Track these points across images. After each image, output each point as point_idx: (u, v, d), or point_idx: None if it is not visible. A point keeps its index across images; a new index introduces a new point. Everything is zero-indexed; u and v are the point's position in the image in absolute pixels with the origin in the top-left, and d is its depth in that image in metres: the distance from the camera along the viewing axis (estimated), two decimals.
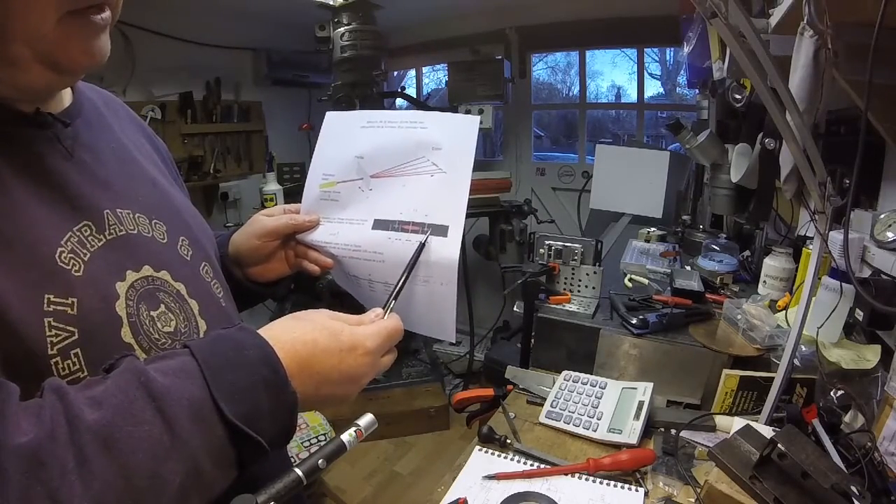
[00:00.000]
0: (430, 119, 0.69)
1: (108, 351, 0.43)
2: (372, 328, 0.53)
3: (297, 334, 0.47)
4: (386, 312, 0.57)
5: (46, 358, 0.40)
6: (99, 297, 0.45)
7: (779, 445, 0.71)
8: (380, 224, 0.66)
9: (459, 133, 0.67)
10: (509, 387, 1.13)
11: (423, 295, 0.63)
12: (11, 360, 0.38)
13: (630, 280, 1.52)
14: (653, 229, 2.02)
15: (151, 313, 0.49)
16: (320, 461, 0.45)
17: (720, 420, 0.96)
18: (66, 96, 0.52)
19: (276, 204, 2.72)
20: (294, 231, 0.70)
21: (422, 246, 0.63)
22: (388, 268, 0.64)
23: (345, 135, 0.73)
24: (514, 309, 1.52)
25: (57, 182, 0.46)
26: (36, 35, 0.39)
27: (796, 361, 0.93)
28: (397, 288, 0.60)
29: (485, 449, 0.93)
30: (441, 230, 0.62)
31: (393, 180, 0.68)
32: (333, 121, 0.75)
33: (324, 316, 0.52)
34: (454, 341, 0.71)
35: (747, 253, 1.65)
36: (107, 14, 0.43)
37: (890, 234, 0.93)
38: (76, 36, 0.41)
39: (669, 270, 1.52)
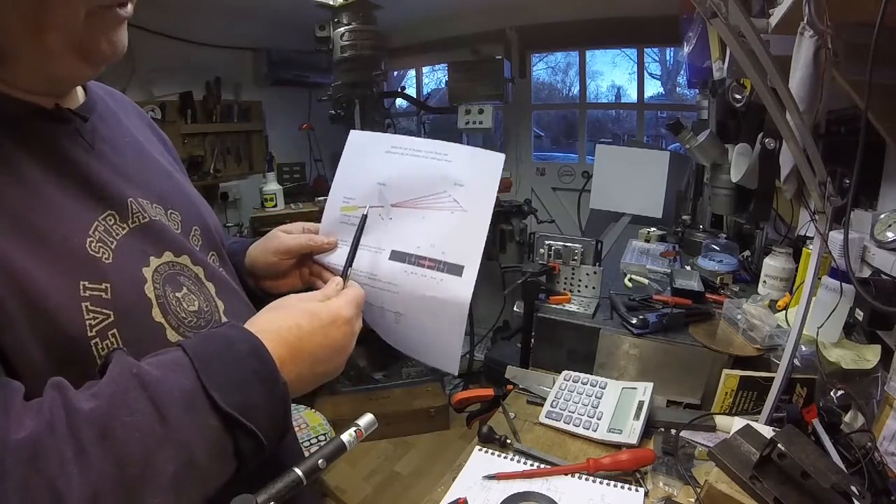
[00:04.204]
0: (454, 152, 0.68)
1: (142, 330, 0.46)
2: (342, 299, 0.56)
3: (280, 323, 0.49)
4: (345, 281, 0.60)
5: (86, 340, 0.42)
6: (129, 281, 0.47)
7: (779, 445, 0.71)
8: (396, 255, 0.65)
9: (483, 171, 0.66)
10: (509, 387, 1.13)
11: (431, 329, 0.64)
12: (53, 346, 0.40)
13: (630, 280, 1.52)
14: (653, 229, 2.02)
15: (176, 294, 0.51)
16: (320, 461, 0.46)
17: (720, 420, 0.96)
18: (80, 92, 0.54)
19: (275, 204, 2.73)
20: (311, 252, 0.70)
21: (364, 218, 0.66)
22: (402, 299, 0.64)
23: (368, 157, 0.72)
24: (514, 309, 1.51)
25: (81, 174, 0.48)
26: (69, 25, 0.41)
27: (796, 361, 0.93)
28: (349, 258, 0.64)
29: (485, 449, 0.93)
30: (456, 269, 0.62)
31: (413, 212, 0.67)
32: (357, 140, 0.74)
33: (297, 300, 0.54)
34: (456, 374, 0.71)
35: (747, 253, 1.65)
36: (129, 8, 0.46)
37: (890, 234, 0.93)
38: (103, 27, 0.44)
39: (669, 270, 1.52)
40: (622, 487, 0.82)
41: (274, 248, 0.70)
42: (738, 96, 1.50)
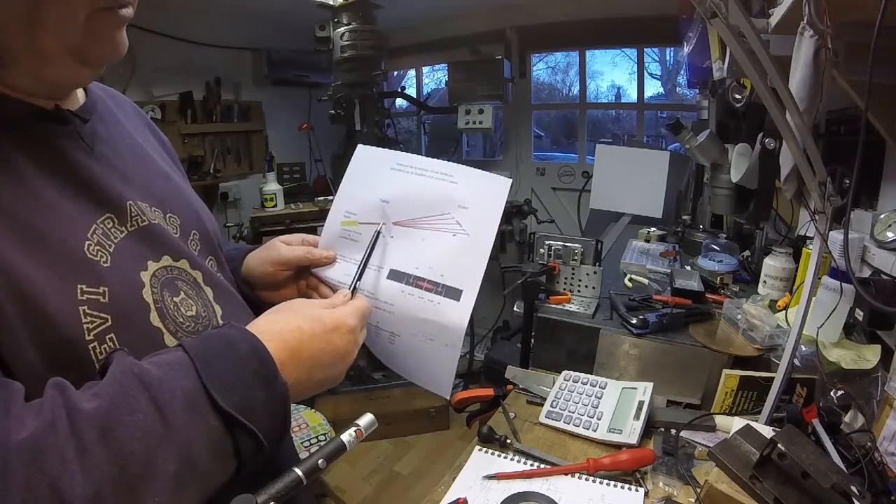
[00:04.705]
0: (460, 174, 0.66)
1: (139, 335, 0.46)
2: (348, 308, 0.55)
3: (282, 325, 0.49)
4: (353, 293, 0.60)
5: (84, 343, 0.41)
6: (127, 285, 0.46)
7: (779, 445, 0.71)
8: (395, 275, 0.65)
9: (488, 194, 0.65)
10: (509, 387, 1.13)
11: (426, 351, 0.63)
12: (51, 349, 0.40)
13: (630, 280, 1.52)
14: (653, 229, 2.02)
15: (174, 299, 0.51)
16: (320, 461, 0.46)
17: (720, 420, 0.96)
18: (80, 93, 0.54)
19: (275, 204, 2.73)
20: (309, 265, 0.70)
21: (378, 234, 0.65)
22: (397, 319, 0.64)
23: (373, 173, 0.71)
24: (514, 309, 1.52)
25: (81, 176, 0.47)
26: (65, 28, 0.41)
27: (796, 361, 0.93)
28: (359, 271, 0.63)
29: (485, 449, 0.93)
30: (454, 293, 0.61)
31: (414, 231, 0.66)
32: (363, 155, 0.73)
33: (301, 304, 0.54)
34: (448, 398, 0.70)
35: (747, 253, 1.65)
36: (130, 10, 0.45)
37: (890, 234, 0.93)
38: (103, 30, 0.43)
39: (669, 270, 1.52)
40: (622, 487, 0.82)
41: (272, 258, 0.69)
42: (738, 96, 1.50)
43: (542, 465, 0.87)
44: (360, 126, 2.66)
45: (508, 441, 0.93)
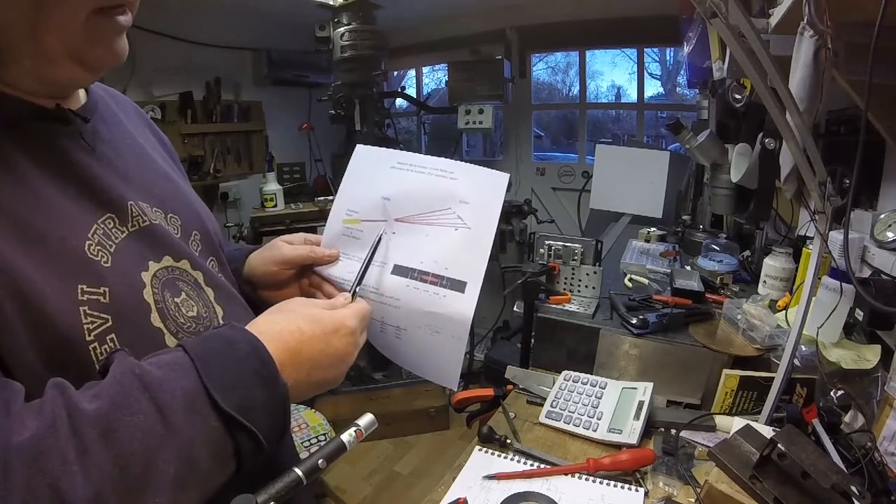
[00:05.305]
0: (460, 170, 0.68)
1: (140, 335, 0.45)
2: (349, 310, 0.55)
3: (282, 325, 0.49)
4: (353, 297, 0.60)
5: (85, 344, 0.41)
6: (128, 285, 0.46)
7: (779, 445, 0.71)
8: (399, 270, 0.65)
9: (488, 189, 0.66)
10: (509, 387, 1.13)
11: (432, 344, 0.64)
12: (51, 349, 0.40)
13: (630, 280, 1.52)
14: (653, 229, 2.03)
15: (175, 300, 0.51)
16: (320, 461, 0.46)
17: (720, 420, 0.96)
18: (82, 93, 0.54)
19: (275, 204, 2.73)
20: (312, 263, 0.70)
21: (379, 238, 0.66)
22: (403, 314, 0.64)
23: (373, 172, 0.72)
24: (514, 309, 1.52)
25: (82, 176, 0.47)
26: (67, 29, 0.41)
27: (796, 361, 0.93)
28: (360, 274, 0.63)
29: (485, 449, 0.93)
30: (459, 285, 0.62)
31: (417, 227, 0.67)
32: (363, 155, 0.74)
33: (301, 304, 0.54)
34: (456, 389, 0.71)
35: (747, 253, 1.65)
36: (129, 17, 0.45)
37: (890, 234, 0.93)
38: (102, 35, 0.43)
39: (669, 270, 1.52)
40: (622, 487, 0.82)
41: (274, 258, 0.69)
42: (738, 96, 1.50)
43: (542, 465, 0.87)
44: (360, 126, 2.66)
45: (508, 441, 0.93)
